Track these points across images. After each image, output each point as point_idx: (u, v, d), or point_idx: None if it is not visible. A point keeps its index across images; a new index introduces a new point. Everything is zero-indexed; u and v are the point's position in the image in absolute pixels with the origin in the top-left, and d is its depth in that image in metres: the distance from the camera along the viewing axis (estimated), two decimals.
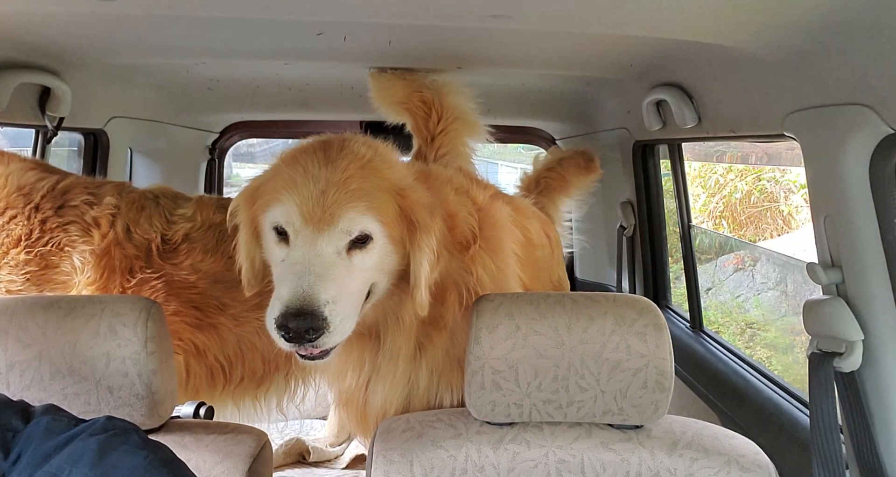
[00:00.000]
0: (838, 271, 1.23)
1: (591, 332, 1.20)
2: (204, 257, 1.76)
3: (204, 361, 1.79)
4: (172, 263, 1.75)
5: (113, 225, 1.75)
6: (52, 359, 1.16)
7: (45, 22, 1.47)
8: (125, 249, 1.74)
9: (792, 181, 6.85)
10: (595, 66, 1.95)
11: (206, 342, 1.79)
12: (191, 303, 1.76)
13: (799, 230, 6.59)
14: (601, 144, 2.81)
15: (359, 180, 1.27)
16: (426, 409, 1.52)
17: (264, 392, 1.93)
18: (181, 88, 2.40)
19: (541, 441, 1.25)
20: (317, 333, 1.17)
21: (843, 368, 1.20)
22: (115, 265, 1.72)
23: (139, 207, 1.80)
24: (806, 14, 1.12)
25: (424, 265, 1.32)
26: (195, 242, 1.78)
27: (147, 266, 1.74)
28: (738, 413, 1.80)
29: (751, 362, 1.96)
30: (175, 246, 1.77)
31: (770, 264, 6.02)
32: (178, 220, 1.80)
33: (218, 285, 1.77)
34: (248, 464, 1.22)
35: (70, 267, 1.72)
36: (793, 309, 5.62)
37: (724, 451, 1.23)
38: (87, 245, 1.72)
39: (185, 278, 1.76)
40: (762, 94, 1.43)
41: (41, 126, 1.94)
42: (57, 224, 1.73)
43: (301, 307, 1.16)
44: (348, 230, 1.25)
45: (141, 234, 1.76)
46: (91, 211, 1.76)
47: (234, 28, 1.54)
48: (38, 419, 0.90)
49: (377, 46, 1.73)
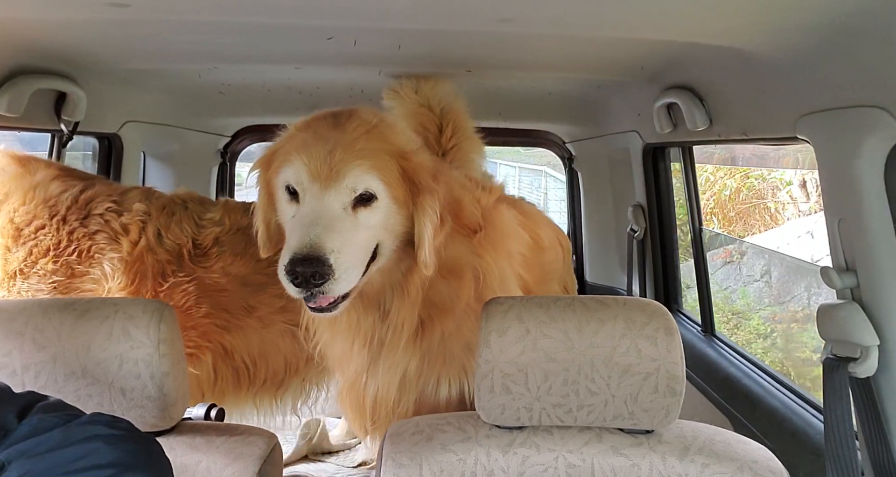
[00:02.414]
0: (853, 275, 1.22)
1: (601, 335, 1.20)
2: (234, 260, 1.81)
3: (231, 363, 1.84)
4: (203, 266, 1.80)
5: (144, 231, 1.79)
6: (66, 360, 1.18)
7: (60, 28, 1.49)
8: (157, 254, 1.78)
9: (778, 179, 7.37)
10: (605, 69, 1.95)
11: (233, 344, 1.83)
12: (220, 305, 1.80)
13: (784, 225, 7.08)
14: (611, 147, 2.80)
15: (364, 142, 1.36)
16: (421, 400, 1.56)
17: (282, 394, 1.97)
18: (193, 93, 2.43)
19: (550, 445, 1.25)
20: (322, 278, 1.25)
21: (858, 374, 1.18)
22: (147, 270, 1.76)
23: (169, 212, 1.85)
24: (819, 16, 1.11)
25: (428, 227, 1.39)
26: (225, 245, 1.83)
27: (179, 270, 1.79)
28: (751, 418, 1.78)
29: (764, 367, 1.94)
30: (206, 250, 1.82)
31: (756, 258, 6.39)
32: (207, 225, 1.86)
33: (246, 288, 1.82)
34: (258, 466, 1.22)
35: (100, 274, 1.75)
36: (775, 299, 6.06)
37: (737, 456, 1.22)
38: (116, 252, 1.76)
39: (216, 281, 1.80)
40: (775, 96, 1.42)
41: (57, 130, 1.97)
42: (84, 234, 1.77)
43: (308, 254, 1.24)
44: (353, 187, 1.33)
45: (173, 238, 1.81)
46: (119, 218, 1.80)
47: (246, 33, 1.56)
48: (30, 418, 0.88)
49: (387, 50, 1.74)
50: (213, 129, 3.01)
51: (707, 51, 1.50)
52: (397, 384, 1.55)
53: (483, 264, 1.53)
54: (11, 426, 0.86)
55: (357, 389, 1.61)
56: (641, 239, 2.61)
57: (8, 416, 0.87)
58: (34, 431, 0.85)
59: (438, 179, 1.42)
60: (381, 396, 1.56)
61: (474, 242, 1.54)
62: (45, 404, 0.92)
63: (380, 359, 1.53)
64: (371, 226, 1.36)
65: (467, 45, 1.68)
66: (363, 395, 1.60)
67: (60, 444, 0.83)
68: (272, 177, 1.44)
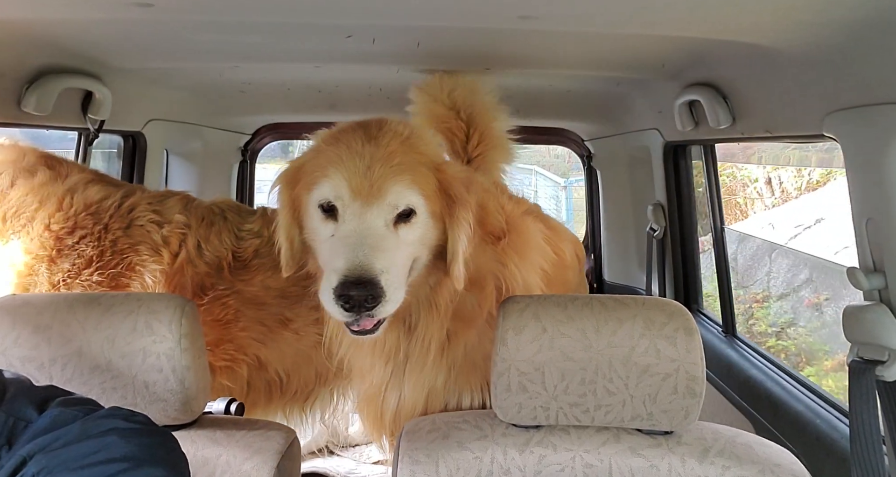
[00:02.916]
0: (881, 276, 1.19)
1: (619, 335, 1.18)
2: (273, 273, 1.78)
3: (265, 375, 1.83)
4: (242, 279, 1.78)
5: (184, 243, 1.77)
6: (91, 354, 1.20)
7: (86, 28, 1.52)
8: (197, 267, 1.76)
9: (747, 176, 8.31)
10: (625, 67, 1.92)
11: (268, 356, 1.82)
12: (258, 319, 1.79)
13: (751, 218, 8.16)
14: (631, 145, 2.76)
15: (401, 156, 1.31)
16: (444, 409, 1.52)
17: (311, 404, 1.97)
18: (215, 91, 2.46)
19: (567, 445, 1.24)
20: (375, 301, 1.21)
21: (886, 378, 1.15)
22: (187, 283, 1.74)
23: (209, 223, 1.82)
24: (847, 12, 1.09)
25: (462, 239, 1.35)
26: (264, 257, 1.80)
27: (219, 283, 1.77)
28: (773, 421, 1.75)
29: (786, 369, 1.91)
30: (245, 263, 1.80)
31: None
32: (246, 236, 1.83)
33: (283, 301, 1.80)
34: (277, 460, 1.24)
35: (140, 286, 1.74)
36: (738, 283, 6.75)
37: (759, 459, 1.20)
38: (158, 264, 1.74)
39: (256, 294, 1.78)
40: (800, 93, 1.39)
41: (84, 129, 2.01)
42: (127, 245, 1.74)
43: (360, 276, 1.19)
44: (395, 204, 1.29)
45: (212, 251, 1.79)
46: (160, 230, 1.77)
47: (266, 32, 1.57)
48: (50, 411, 0.88)
49: (406, 48, 1.74)
50: (234, 127, 3.05)
51: (731, 47, 1.47)
52: (424, 399, 1.51)
53: (506, 273, 1.48)
54: (31, 418, 0.88)
55: (376, 401, 1.58)
56: (661, 238, 2.58)
57: (27, 408, 0.88)
58: (54, 424, 0.86)
59: (471, 190, 1.39)
60: (405, 410, 1.53)
61: (498, 250, 1.49)
62: (65, 398, 0.93)
63: (403, 373, 1.50)
64: (410, 242, 1.32)
65: (486, 42, 1.67)
66: (382, 408, 1.57)
67: (77, 438, 0.84)
68: (300, 193, 1.37)
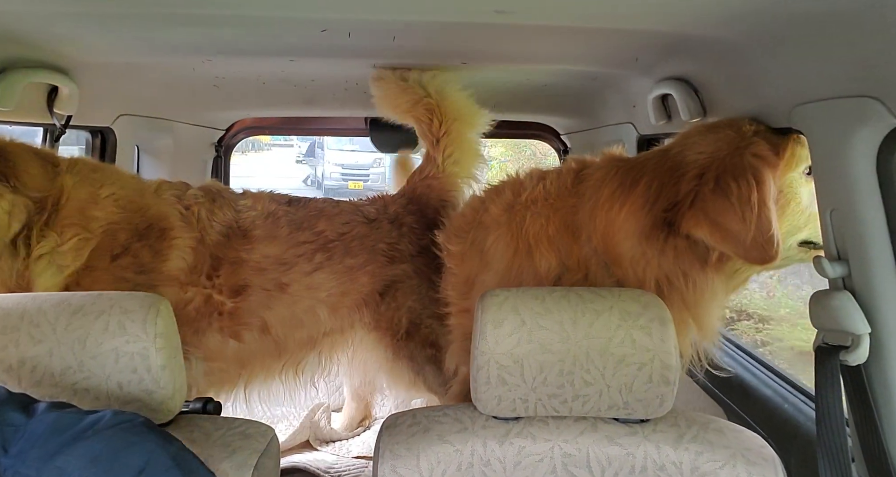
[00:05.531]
0: (845, 265, 1.23)
1: (596, 326, 1.21)
2: (269, 242, 1.94)
3: (270, 337, 1.96)
4: (246, 248, 1.92)
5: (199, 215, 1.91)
6: (62, 355, 1.18)
7: (52, 21, 1.48)
8: (211, 237, 1.90)
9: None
10: (600, 61, 1.95)
11: (271, 319, 1.95)
12: (261, 285, 1.91)
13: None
14: (606, 139, 2.80)
15: None
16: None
17: (303, 368, 2.10)
18: (187, 86, 2.41)
19: (546, 435, 1.26)
20: None
21: (850, 362, 1.20)
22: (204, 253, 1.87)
23: (211, 199, 1.97)
24: (812, 5, 1.12)
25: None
26: (260, 228, 1.96)
27: (229, 252, 1.91)
28: (743, 406, 1.80)
29: (755, 355, 1.96)
30: (245, 233, 1.95)
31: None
32: (243, 209, 1.99)
33: (280, 267, 1.94)
34: (256, 458, 1.23)
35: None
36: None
37: (730, 444, 1.23)
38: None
39: (258, 263, 1.92)
40: (768, 87, 1.42)
41: (49, 124, 1.96)
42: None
43: None
44: None
45: (220, 222, 1.93)
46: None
47: (239, 26, 1.55)
48: (43, 415, 0.87)
49: (382, 43, 1.73)
50: (207, 122, 3.00)
51: (702, 42, 1.50)
52: None
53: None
54: (19, 423, 0.85)
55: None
56: None
57: (13, 413, 0.86)
58: (57, 428, 0.84)
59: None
60: None
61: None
62: (51, 402, 0.91)
63: None
64: None
65: (462, 36, 1.67)
66: None
67: (113, 449, 0.83)
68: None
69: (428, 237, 2.01)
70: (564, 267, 1.52)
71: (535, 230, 1.56)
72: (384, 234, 2.07)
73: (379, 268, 2.04)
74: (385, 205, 2.16)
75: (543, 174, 1.68)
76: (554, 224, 1.54)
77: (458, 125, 2.16)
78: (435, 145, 2.18)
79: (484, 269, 1.66)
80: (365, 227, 2.07)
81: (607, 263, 1.46)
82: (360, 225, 2.06)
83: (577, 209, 1.53)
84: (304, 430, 2.64)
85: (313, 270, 1.96)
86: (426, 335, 2.07)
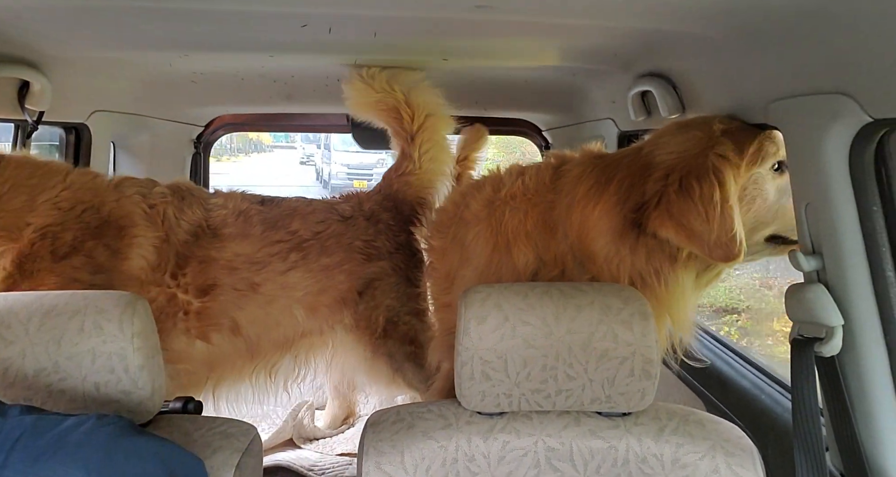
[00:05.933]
0: (819, 258, 1.25)
1: (578, 321, 1.22)
2: (241, 240, 1.91)
3: (242, 338, 1.93)
4: (216, 247, 1.89)
5: (165, 213, 1.87)
6: (35, 356, 1.15)
7: (23, 14, 1.44)
8: (178, 236, 1.86)
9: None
10: (580, 57, 1.96)
11: (242, 320, 1.92)
12: (232, 285, 1.88)
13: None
14: (587, 135, 2.82)
15: None
16: None
17: (276, 371, 2.06)
18: (164, 81, 2.37)
19: (530, 430, 1.27)
20: None
21: (824, 353, 1.22)
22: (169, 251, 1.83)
23: (179, 197, 1.93)
24: (787, 1, 1.13)
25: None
26: (231, 227, 1.94)
27: (196, 251, 1.87)
28: (722, 398, 1.83)
29: (734, 349, 2.00)
30: (216, 231, 1.92)
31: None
32: (213, 208, 1.95)
33: (252, 266, 1.91)
34: (237, 457, 1.22)
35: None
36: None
37: (710, 436, 1.26)
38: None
39: (228, 262, 1.89)
40: (745, 83, 1.44)
41: (21, 121, 1.91)
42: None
43: None
44: None
45: (188, 221, 1.89)
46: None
47: (218, 20, 1.53)
48: (20, 418, 0.84)
49: (362, 38, 1.72)
50: (185, 118, 2.95)
51: (680, 38, 1.52)
52: None
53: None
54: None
55: None
56: None
57: None
58: (37, 429, 0.81)
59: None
60: None
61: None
62: (23, 406, 0.89)
63: None
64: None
65: (443, 32, 1.67)
66: None
67: (106, 454, 0.81)
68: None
69: (405, 234, 2.01)
70: (541, 262, 1.53)
71: (514, 225, 1.56)
72: (360, 232, 2.05)
73: (356, 266, 2.02)
74: (360, 202, 2.15)
75: (523, 170, 1.69)
76: (532, 219, 1.55)
77: (431, 122, 2.18)
78: (410, 142, 2.18)
79: (464, 264, 1.66)
80: (340, 225, 2.05)
81: (582, 261, 1.48)
82: (335, 223, 2.04)
83: (555, 205, 1.54)
84: (288, 428, 2.63)
85: (288, 269, 1.93)
86: (405, 332, 2.06)
